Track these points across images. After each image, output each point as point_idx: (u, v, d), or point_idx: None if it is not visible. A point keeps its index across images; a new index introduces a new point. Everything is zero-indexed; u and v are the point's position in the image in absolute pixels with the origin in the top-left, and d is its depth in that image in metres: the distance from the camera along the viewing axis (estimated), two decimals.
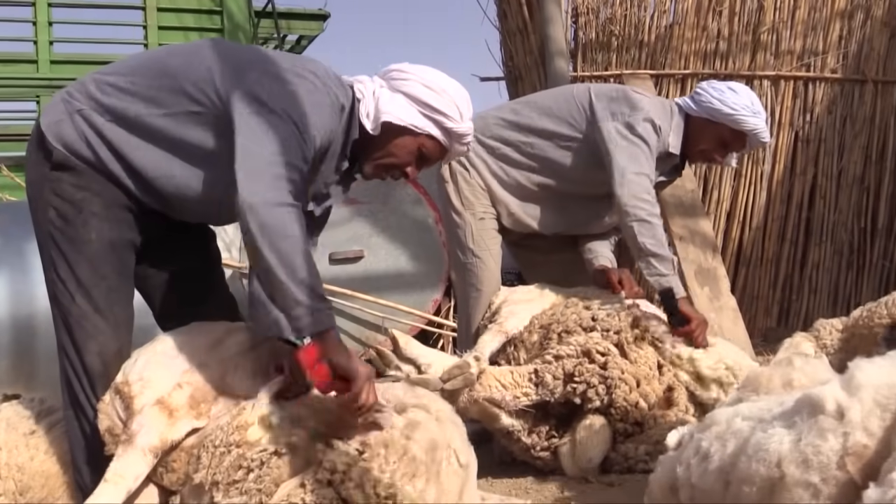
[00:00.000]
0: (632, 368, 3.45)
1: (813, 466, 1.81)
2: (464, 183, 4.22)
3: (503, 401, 3.40)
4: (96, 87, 2.61)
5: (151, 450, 2.45)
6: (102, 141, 2.58)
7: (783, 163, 6.68)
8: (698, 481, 2.10)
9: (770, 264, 6.72)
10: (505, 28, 6.82)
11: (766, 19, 6.57)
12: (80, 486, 2.64)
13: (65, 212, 2.59)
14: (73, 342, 2.61)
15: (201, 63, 2.59)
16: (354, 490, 2.28)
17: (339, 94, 2.63)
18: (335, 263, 5.64)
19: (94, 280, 2.60)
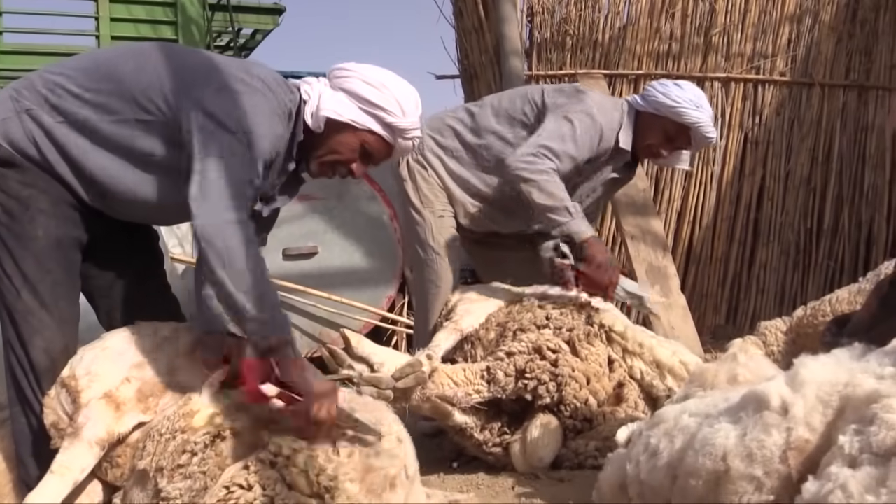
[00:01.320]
0: (582, 366, 3.49)
1: (757, 460, 1.86)
2: (422, 181, 4.24)
3: (455, 398, 3.42)
4: (46, 87, 2.61)
5: (98, 442, 2.46)
6: (51, 141, 2.59)
7: (732, 164, 6.76)
8: (647, 477, 2.14)
9: (719, 263, 6.80)
10: (461, 26, 6.82)
11: (718, 22, 6.64)
12: (26, 481, 2.63)
13: (10, 208, 2.59)
14: (18, 337, 2.60)
15: (151, 70, 2.60)
16: (298, 475, 2.29)
17: (286, 99, 2.65)
18: (289, 259, 5.64)
19: (40, 276, 2.59)
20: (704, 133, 4.02)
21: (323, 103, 2.64)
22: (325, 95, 2.66)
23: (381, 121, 2.66)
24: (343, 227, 5.85)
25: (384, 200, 5.84)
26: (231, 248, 2.38)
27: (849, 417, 1.82)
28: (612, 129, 4.07)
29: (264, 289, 2.41)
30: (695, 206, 6.75)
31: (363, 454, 2.44)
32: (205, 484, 2.33)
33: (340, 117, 2.64)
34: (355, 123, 2.65)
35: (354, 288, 5.82)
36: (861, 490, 1.64)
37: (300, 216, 5.62)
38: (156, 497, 2.38)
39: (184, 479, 2.36)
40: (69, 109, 2.59)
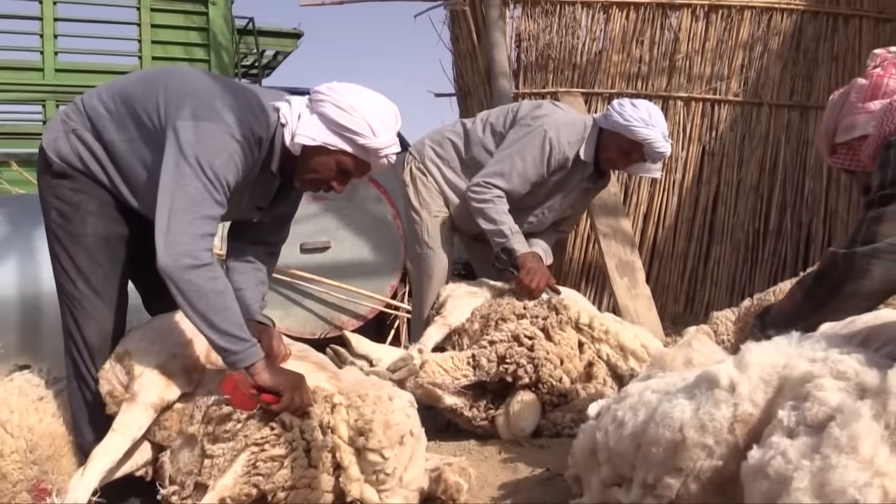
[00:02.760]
0: (555, 349, 3.50)
1: (708, 431, 1.87)
2: (422, 186, 4.28)
3: (444, 384, 3.45)
4: (86, 110, 2.66)
5: (152, 406, 2.50)
6: (91, 155, 2.63)
7: (692, 173, 6.75)
8: (615, 445, 2.14)
9: (679, 259, 6.79)
10: (456, 50, 6.82)
11: (681, 48, 6.64)
12: (82, 445, 2.65)
13: (64, 211, 2.63)
14: (74, 321, 2.63)
15: (153, 91, 2.58)
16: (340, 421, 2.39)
17: (257, 126, 2.56)
18: (305, 252, 5.63)
19: (92, 268, 2.62)
20: (655, 148, 3.99)
21: (299, 129, 2.56)
22: (302, 119, 2.57)
23: (353, 143, 2.56)
24: (352, 225, 5.85)
25: (389, 202, 5.84)
26: (194, 293, 2.35)
27: (786, 395, 1.83)
28: (568, 145, 4.06)
29: (226, 320, 2.38)
30: (659, 208, 6.74)
31: (383, 411, 2.49)
32: (245, 444, 2.36)
33: (314, 142, 2.56)
34: (328, 146, 2.56)
35: (362, 278, 5.81)
36: (798, 456, 1.65)
37: (315, 215, 5.62)
38: (201, 456, 2.41)
39: (227, 440, 2.39)
40: (101, 128, 2.63)
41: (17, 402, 2.71)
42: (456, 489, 2.68)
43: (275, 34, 10.68)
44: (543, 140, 4.01)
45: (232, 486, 2.31)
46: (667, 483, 1.92)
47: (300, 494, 2.35)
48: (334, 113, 2.53)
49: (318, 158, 2.60)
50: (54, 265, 2.67)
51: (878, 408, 1.63)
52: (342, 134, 2.55)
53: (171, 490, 2.46)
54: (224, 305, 2.38)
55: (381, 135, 2.57)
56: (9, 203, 4.84)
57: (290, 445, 2.36)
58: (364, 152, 2.59)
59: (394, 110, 2.64)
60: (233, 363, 2.39)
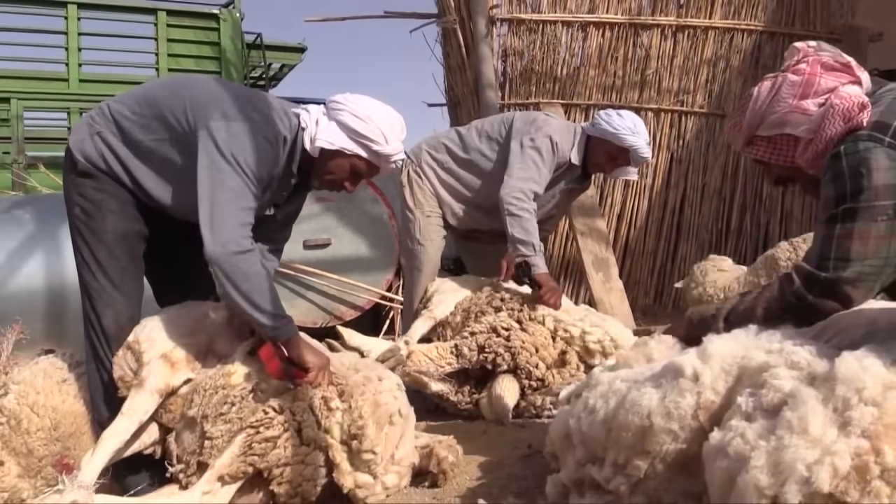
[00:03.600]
0: (530, 339, 3.52)
1: (674, 417, 1.88)
2: (417, 188, 4.28)
3: (429, 372, 3.47)
4: (111, 114, 2.65)
5: (158, 391, 2.49)
6: (115, 156, 2.61)
7: (661, 177, 6.78)
8: (587, 430, 2.14)
9: (649, 256, 6.82)
10: (447, 64, 6.83)
11: (651, 64, 6.67)
12: (99, 422, 2.64)
13: (87, 209, 2.61)
14: (93, 309, 2.62)
15: (178, 95, 2.58)
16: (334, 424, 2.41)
17: (282, 127, 2.59)
18: (308, 248, 5.63)
19: (111, 262, 2.61)
20: (640, 153, 4.03)
21: (319, 133, 2.59)
22: (321, 125, 2.60)
23: (368, 148, 2.59)
24: (351, 224, 5.85)
25: (384, 203, 5.84)
26: (240, 276, 2.39)
27: (745, 383, 1.84)
28: (567, 149, 4.09)
29: (267, 299, 2.43)
30: (631, 210, 6.77)
31: (372, 392, 2.52)
32: (241, 426, 2.37)
33: (332, 146, 2.58)
34: (345, 150, 2.59)
35: (360, 272, 5.82)
36: (755, 437, 1.66)
37: (317, 214, 5.62)
38: (201, 438, 2.41)
39: (224, 423, 2.39)
40: (126, 130, 2.61)
41: (42, 384, 2.70)
42: (446, 463, 2.70)
43: (281, 48, 10.66)
44: (551, 144, 4.04)
45: (229, 464, 2.32)
46: (636, 464, 1.93)
47: (294, 470, 2.37)
48: (351, 121, 2.56)
49: (335, 161, 2.63)
50: (77, 258, 2.66)
51: (827, 392, 1.65)
52: (358, 140, 2.58)
53: (178, 468, 2.46)
54: (265, 286, 2.44)
55: (391, 142, 2.61)
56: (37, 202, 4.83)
57: (282, 427, 2.37)
58: (376, 157, 2.62)
59: (401, 121, 2.67)
60: (274, 337, 2.43)
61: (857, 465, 1.53)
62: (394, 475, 2.57)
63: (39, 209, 4.50)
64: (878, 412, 1.56)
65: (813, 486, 1.54)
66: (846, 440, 1.55)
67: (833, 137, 2.13)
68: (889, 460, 1.52)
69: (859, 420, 1.57)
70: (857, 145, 2.06)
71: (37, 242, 4.28)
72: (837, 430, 1.58)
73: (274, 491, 2.40)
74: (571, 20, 6.55)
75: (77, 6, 8.05)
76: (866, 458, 1.52)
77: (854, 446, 1.54)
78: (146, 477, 2.61)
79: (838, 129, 2.12)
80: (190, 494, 2.30)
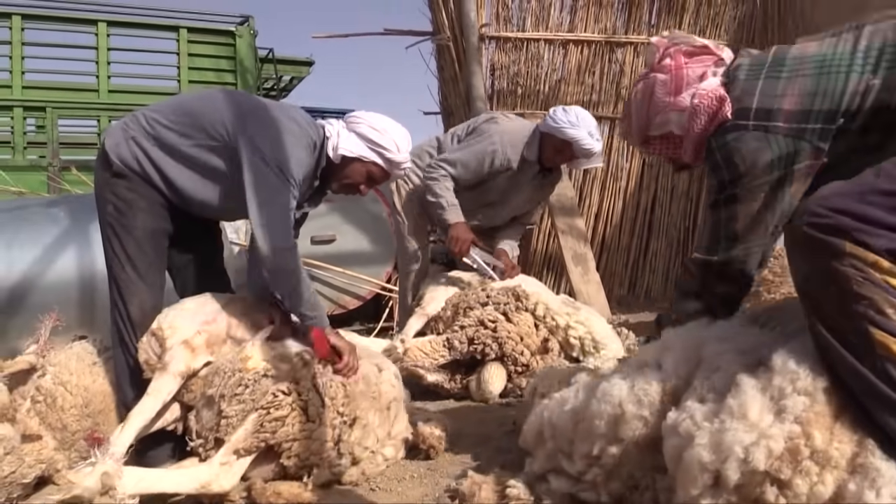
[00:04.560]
0: (515, 329, 3.56)
1: (644, 404, 1.90)
2: (405, 193, 4.32)
3: (424, 366, 3.50)
4: (146, 121, 2.65)
5: (180, 374, 2.50)
6: (148, 159, 2.61)
7: (634, 180, 6.80)
8: (557, 421, 2.15)
9: (623, 251, 6.84)
10: (442, 77, 6.83)
11: (625, 80, 6.67)
12: (124, 401, 2.66)
13: (119, 207, 2.62)
14: (121, 298, 2.64)
15: (215, 108, 2.63)
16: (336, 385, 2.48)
17: (313, 134, 2.68)
18: (315, 244, 5.63)
19: (139, 256, 2.62)
20: (583, 146, 3.95)
21: (341, 142, 2.69)
22: (342, 135, 2.71)
23: (383, 156, 2.72)
24: (354, 222, 5.86)
25: (384, 202, 5.84)
26: (291, 271, 2.51)
27: (702, 368, 1.88)
28: (511, 148, 4.07)
29: (309, 292, 2.56)
30: (607, 210, 6.79)
31: (373, 382, 2.62)
32: (254, 407, 2.38)
33: (352, 153, 2.70)
34: (364, 158, 2.71)
35: (362, 265, 5.82)
36: (702, 418, 1.70)
37: (323, 213, 5.61)
38: (218, 416, 2.43)
39: (239, 403, 2.40)
40: (161, 136, 2.62)
41: (75, 366, 2.72)
42: (433, 438, 2.74)
43: (291, 62, 10.62)
44: (490, 142, 4.05)
45: (244, 439, 2.34)
46: (610, 453, 1.94)
47: (302, 444, 2.40)
48: (369, 132, 2.70)
49: (353, 167, 2.74)
50: (106, 251, 2.67)
51: (765, 382, 1.67)
52: (375, 149, 2.71)
53: (198, 443, 2.48)
54: (306, 281, 2.56)
55: (402, 151, 2.75)
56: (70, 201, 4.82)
57: (290, 407, 2.39)
58: (389, 164, 2.75)
59: (408, 135, 2.79)
60: (313, 324, 2.55)
61: (789, 447, 1.56)
62: (391, 448, 2.66)
63: (73, 208, 4.49)
64: (809, 401, 1.60)
65: (750, 465, 1.58)
66: (780, 425, 1.59)
67: (702, 133, 2.13)
68: (818, 443, 1.55)
69: (793, 408, 1.60)
70: (724, 137, 2.07)
71: (70, 238, 4.28)
72: (773, 416, 1.62)
73: (284, 464, 2.42)
74: (553, 38, 6.55)
75: (107, 24, 8.04)
76: (798, 441, 1.56)
77: (787, 431, 1.58)
78: (168, 450, 2.63)
79: (703, 125, 2.11)
80: (209, 465, 2.33)
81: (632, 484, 1.95)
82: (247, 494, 2.39)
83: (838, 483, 1.53)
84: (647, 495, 1.92)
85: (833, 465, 1.54)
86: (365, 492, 2.49)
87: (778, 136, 1.99)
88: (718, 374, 1.79)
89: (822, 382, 1.62)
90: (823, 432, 1.56)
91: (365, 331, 5.81)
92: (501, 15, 6.50)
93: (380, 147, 2.71)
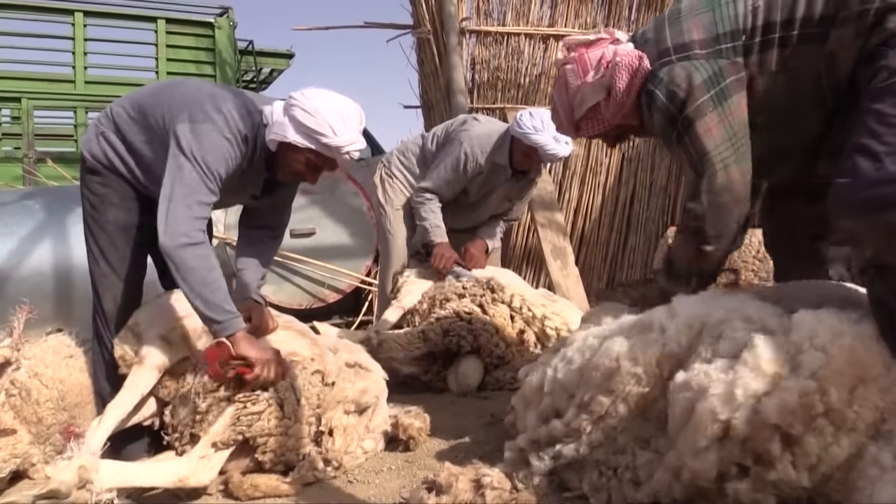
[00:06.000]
0: (490, 321, 3.57)
1: (639, 363, 1.95)
2: (388, 187, 4.36)
3: (398, 358, 3.50)
4: (114, 116, 2.65)
5: (156, 368, 2.50)
6: (116, 154, 2.61)
7: (613, 175, 6.82)
8: (562, 377, 2.20)
9: (602, 245, 6.87)
10: (422, 71, 6.81)
11: None
12: (99, 393, 2.65)
13: (93, 202, 2.63)
14: (96, 292, 2.64)
15: (160, 102, 2.56)
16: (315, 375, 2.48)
17: (244, 125, 2.50)
18: (294, 237, 5.63)
19: (111, 249, 2.62)
20: (547, 151, 3.94)
21: (273, 129, 2.52)
22: (276, 121, 2.52)
23: (318, 142, 2.48)
24: (334, 215, 5.85)
25: (364, 196, 5.85)
26: (187, 268, 2.31)
27: (705, 335, 1.91)
28: (481, 153, 4.09)
29: (213, 293, 2.34)
30: (586, 204, 6.81)
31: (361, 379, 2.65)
32: (229, 401, 2.38)
33: (285, 139, 2.50)
34: (298, 144, 2.49)
35: (341, 259, 5.83)
36: (717, 372, 1.73)
37: (303, 206, 5.62)
38: (193, 411, 2.42)
39: (214, 398, 2.41)
40: (124, 132, 2.62)
41: (51, 359, 2.70)
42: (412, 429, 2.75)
43: (271, 54, 10.55)
44: (460, 151, 4.07)
45: (222, 432, 2.34)
46: (600, 400, 1.99)
47: (277, 440, 2.39)
48: (301, 116, 2.47)
49: (290, 154, 2.55)
50: (86, 246, 2.68)
51: (783, 339, 1.70)
52: (307, 134, 2.48)
53: (174, 437, 2.48)
54: (212, 280, 2.34)
55: (342, 134, 2.47)
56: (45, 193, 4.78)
57: (266, 402, 2.38)
58: (327, 150, 2.50)
59: (358, 112, 2.54)
60: (216, 332, 2.35)
61: (804, 402, 1.58)
62: (370, 440, 2.67)
63: (48, 200, 4.45)
64: (826, 358, 1.62)
65: (761, 416, 1.59)
66: (796, 379, 1.61)
67: (626, 89, 2.33)
68: (834, 401, 1.57)
69: (809, 363, 1.62)
70: (657, 76, 2.28)
71: (46, 230, 4.24)
72: (789, 370, 1.64)
73: (259, 459, 2.42)
74: (533, 33, 6.56)
75: (83, 14, 7.96)
76: (813, 396, 1.57)
77: (802, 385, 1.59)
78: (144, 445, 2.62)
79: (626, 80, 2.32)
80: (187, 459, 2.32)
81: (613, 449, 1.98)
82: (224, 487, 2.39)
83: (858, 446, 1.54)
84: (626, 476, 1.94)
85: (850, 427, 1.55)
86: (343, 484, 2.49)
87: (700, 60, 2.21)
88: (723, 340, 1.81)
89: (843, 341, 1.63)
90: (841, 391, 1.57)
91: (344, 324, 5.82)
92: (482, 9, 6.50)
93: (311, 132, 2.46)
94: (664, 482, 1.82)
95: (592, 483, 2.01)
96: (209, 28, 8.55)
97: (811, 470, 1.61)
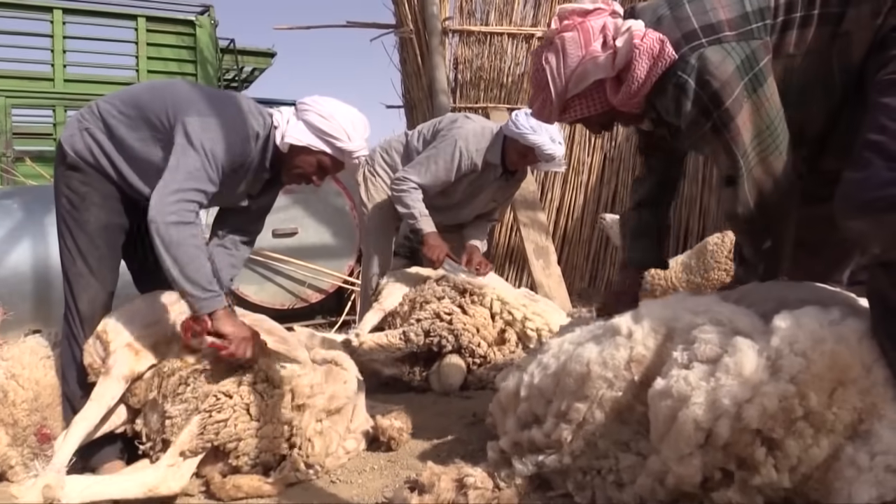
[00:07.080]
0: (471, 321, 3.57)
1: (609, 367, 1.95)
2: (371, 186, 4.32)
3: (379, 359, 3.50)
4: (99, 112, 2.60)
5: (124, 378, 2.46)
6: (102, 151, 2.56)
7: (595, 174, 6.87)
8: (539, 382, 2.20)
9: (584, 245, 6.92)
10: (404, 70, 6.83)
11: None
12: (67, 394, 2.61)
13: (73, 200, 2.57)
14: (71, 293, 2.59)
15: (162, 98, 2.55)
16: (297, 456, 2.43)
17: (255, 124, 2.58)
18: (276, 237, 5.60)
19: (90, 250, 2.57)
20: (544, 151, 3.96)
21: (288, 131, 2.59)
22: (290, 124, 2.60)
23: (332, 145, 2.59)
24: (316, 214, 5.83)
25: (347, 196, 5.83)
26: (172, 243, 2.31)
27: (675, 340, 1.91)
28: (476, 152, 4.07)
29: (197, 271, 2.34)
30: (569, 203, 6.85)
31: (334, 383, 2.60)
32: (196, 406, 2.36)
33: (300, 142, 2.58)
34: (312, 147, 2.59)
35: (324, 258, 5.81)
36: (697, 379, 1.72)
37: (285, 206, 5.59)
38: (162, 417, 2.40)
39: (182, 402, 2.38)
40: (112, 127, 2.57)
41: (27, 360, 2.67)
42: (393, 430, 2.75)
43: (252, 53, 10.51)
44: (454, 148, 4.04)
45: (189, 441, 2.31)
46: (576, 407, 1.99)
47: (248, 444, 2.37)
48: (317, 120, 2.56)
49: (303, 157, 2.62)
50: (60, 244, 2.61)
51: (763, 343, 1.71)
52: (323, 137, 2.58)
53: (148, 445, 2.45)
54: (197, 257, 2.34)
55: (354, 140, 2.60)
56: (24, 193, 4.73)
57: (231, 409, 2.36)
58: (340, 153, 2.61)
59: (364, 121, 2.66)
60: (198, 309, 2.36)
61: (783, 406, 1.59)
62: (352, 440, 2.66)
63: (26, 200, 4.40)
64: (805, 363, 1.62)
65: (743, 422, 1.60)
66: (775, 384, 1.61)
67: (645, 77, 2.12)
68: (813, 404, 1.58)
69: (789, 368, 1.63)
70: (688, 62, 2.07)
71: (24, 231, 4.20)
72: (769, 375, 1.64)
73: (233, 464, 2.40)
74: (516, 32, 6.58)
75: (63, 11, 7.88)
76: (793, 400, 1.58)
77: (782, 390, 1.60)
78: (116, 450, 2.58)
79: (646, 67, 2.10)
80: (155, 468, 2.29)
81: (595, 455, 1.98)
82: (205, 489, 2.37)
83: (835, 447, 1.55)
84: (609, 478, 1.95)
85: (829, 428, 1.56)
86: (325, 484, 2.48)
87: (731, 43, 2.04)
88: (699, 344, 1.81)
89: (823, 347, 1.64)
90: (820, 395, 1.58)
91: (327, 324, 5.79)
92: (465, 8, 6.51)
93: (328, 136, 2.58)
94: (648, 487, 1.83)
95: (577, 482, 2.02)
96: (190, 26, 8.50)
97: (792, 471, 1.62)
